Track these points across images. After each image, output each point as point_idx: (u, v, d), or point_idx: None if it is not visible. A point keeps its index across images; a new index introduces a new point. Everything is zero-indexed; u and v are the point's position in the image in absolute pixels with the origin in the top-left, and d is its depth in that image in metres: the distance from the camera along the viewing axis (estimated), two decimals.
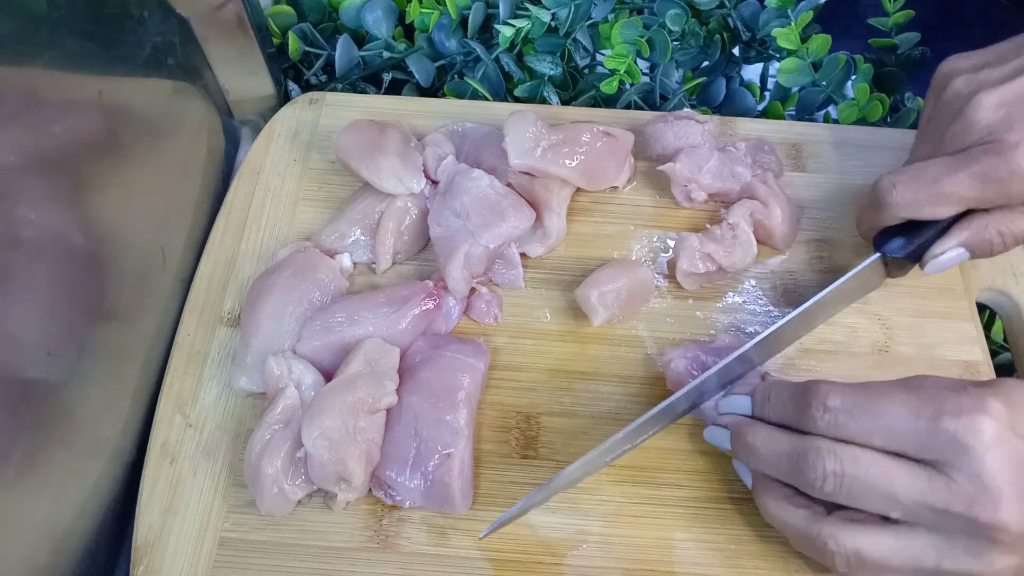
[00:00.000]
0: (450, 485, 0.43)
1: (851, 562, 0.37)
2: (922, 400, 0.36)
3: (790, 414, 0.39)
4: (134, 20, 0.48)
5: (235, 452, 0.46)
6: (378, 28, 0.62)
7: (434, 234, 0.50)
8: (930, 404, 0.35)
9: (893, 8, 0.62)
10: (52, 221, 0.39)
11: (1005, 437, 0.34)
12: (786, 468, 0.39)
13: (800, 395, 0.39)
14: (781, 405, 0.40)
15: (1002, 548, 0.34)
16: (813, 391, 0.38)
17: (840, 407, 0.37)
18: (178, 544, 0.43)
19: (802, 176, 0.56)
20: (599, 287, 0.48)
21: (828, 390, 0.38)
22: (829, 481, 0.36)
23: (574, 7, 0.58)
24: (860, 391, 0.37)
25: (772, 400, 0.41)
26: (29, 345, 0.37)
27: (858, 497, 0.36)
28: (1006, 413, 0.34)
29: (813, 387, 0.38)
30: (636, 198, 0.56)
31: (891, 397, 0.36)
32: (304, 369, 0.45)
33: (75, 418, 0.41)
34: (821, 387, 0.38)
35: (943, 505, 0.34)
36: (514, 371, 0.49)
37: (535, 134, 0.51)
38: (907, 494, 0.35)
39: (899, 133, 0.59)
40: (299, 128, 0.58)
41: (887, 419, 0.36)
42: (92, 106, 0.43)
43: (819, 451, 0.37)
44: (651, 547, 0.43)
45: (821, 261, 0.53)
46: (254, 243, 0.53)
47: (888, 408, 0.36)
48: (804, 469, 0.37)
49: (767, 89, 0.66)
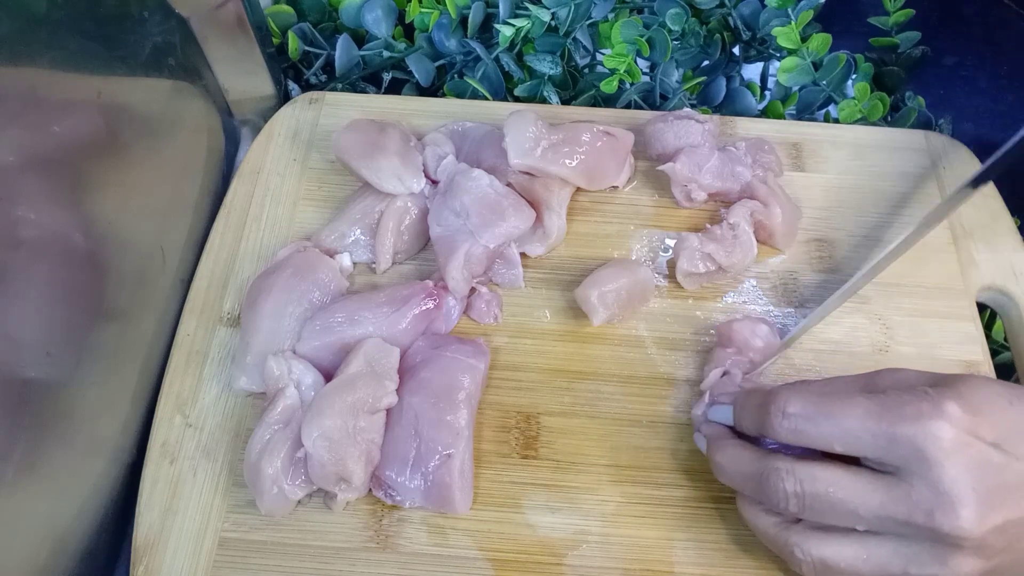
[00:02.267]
0: (450, 485, 0.43)
1: (817, 569, 0.37)
2: (881, 405, 0.36)
3: (752, 422, 0.40)
4: (134, 20, 0.47)
5: (235, 452, 0.46)
6: (378, 28, 0.62)
7: (434, 234, 0.50)
8: (889, 410, 0.35)
9: (893, 7, 0.62)
10: (52, 221, 0.39)
11: (965, 442, 0.34)
12: (751, 488, 0.39)
13: (762, 402, 0.39)
14: (748, 415, 0.40)
15: (967, 553, 0.34)
16: (773, 397, 0.38)
17: (800, 413, 0.37)
18: (178, 544, 0.43)
19: (802, 176, 0.56)
20: (599, 287, 0.48)
21: (788, 396, 0.37)
22: (791, 502, 0.37)
23: (574, 7, 0.58)
24: (820, 397, 0.37)
25: (740, 409, 0.41)
26: (29, 345, 0.37)
27: (821, 514, 0.36)
28: (965, 418, 0.34)
29: (773, 393, 0.38)
30: (636, 198, 0.56)
31: (851, 402, 0.36)
32: (304, 369, 0.45)
33: (75, 418, 0.41)
34: (781, 392, 0.38)
35: (904, 515, 0.34)
36: (514, 371, 0.49)
37: (535, 134, 0.51)
38: (868, 508, 0.35)
39: (899, 133, 0.59)
40: (299, 128, 0.58)
41: (846, 424, 0.36)
42: (92, 106, 0.43)
43: (779, 472, 0.37)
44: (651, 547, 0.43)
45: (821, 261, 0.53)
46: (254, 243, 0.53)
47: (847, 413, 0.36)
48: (767, 490, 0.38)
49: (767, 89, 0.66)
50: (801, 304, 0.51)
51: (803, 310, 0.51)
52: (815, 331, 0.50)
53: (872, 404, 0.36)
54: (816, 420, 0.36)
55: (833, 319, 0.50)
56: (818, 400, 0.37)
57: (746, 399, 0.41)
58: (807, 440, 0.37)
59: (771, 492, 0.37)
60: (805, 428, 0.37)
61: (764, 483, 0.38)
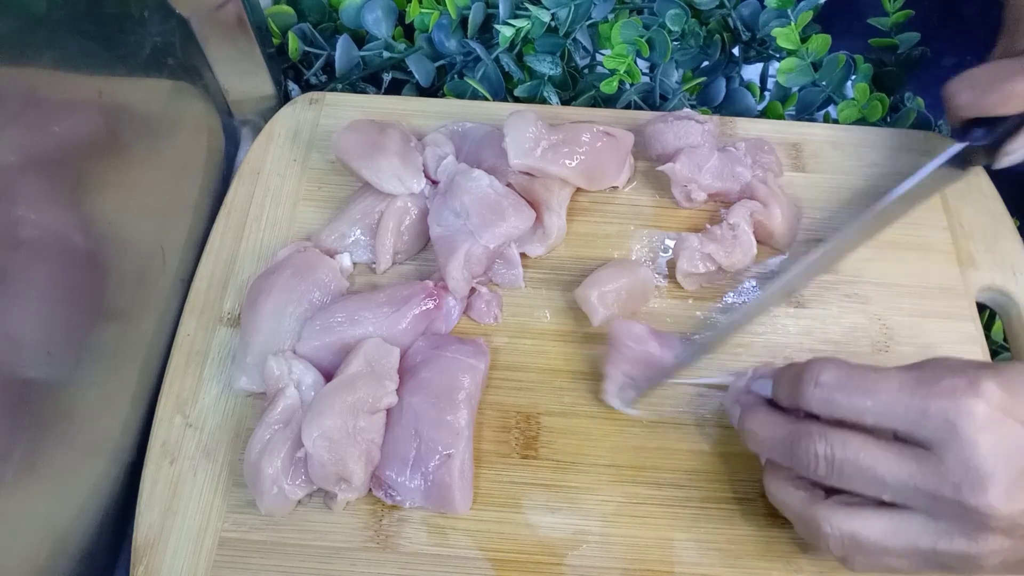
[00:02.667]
0: (450, 485, 0.43)
1: (846, 544, 0.37)
2: (917, 379, 0.36)
3: (785, 392, 0.40)
4: (134, 20, 0.47)
5: (235, 452, 0.46)
6: (378, 28, 0.62)
7: (434, 234, 0.50)
8: (924, 383, 0.35)
9: (893, 8, 0.62)
10: (52, 221, 0.39)
11: (999, 420, 0.34)
12: (781, 452, 0.39)
13: (795, 374, 0.39)
14: (784, 386, 0.40)
15: (996, 531, 0.34)
16: (808, 367, 0.38)
17: (833, 383, 0.37)
18: (178, 544, 0.43)
19: (802, 176, 0.57)
20: (599, 287, 0.48)
21: (823, 366, 0.38)
22: (821, 464, 0.37)
23: (574, 7, 0.58)
24: (855, 368, 0.37)
25: (777, 381, 0.41)
26: (29, 345, 0.37)
27: (850, 480, 0.36)
28: (1002, 396, 0.34)
29: (809, 363, 0.38)
30: (636, 198, 0.56)
31: (886, 375, 0.36)
32: (304, 369, 0.45)
33: (75, 418, 0.41)
34: (816, 362, 0.38)
35: (932, 488, 0.34)
36: (514, 371, 0.49)
37: (535, 134, 0.51)
38: (896, 477, 0.35)
39: (899, 133, 0.59)
40: (299, 128, 0.58)
41: (879, 396, 0.36)
42: (92, 106, 0.43)
43: (811, 435, 0.37)
44: (651, 547, 0.43)
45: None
46: (254, 243, 0.53)
47: (881, 386, 0.36)
48: (797, 453, 0.37)
49: (767, 89, 0.66)
50: (801, 304, 0.51)
51: (802, 310, 0.51)
52: (815, 331, 0.50)
53: (907, 377, 0.36)
54: (848, 390, 0.36)
55: (833, 319, 0.50)
56: (852, 371, 0.37)
57: (784, 370, 0.41)
58: (838, 410, 0.37)
59: (801, 454, 0.37)
60: (837, 398, 0.37)
61: (795, 445, 0.38)
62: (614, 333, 0.47)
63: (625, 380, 0.46)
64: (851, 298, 0.51)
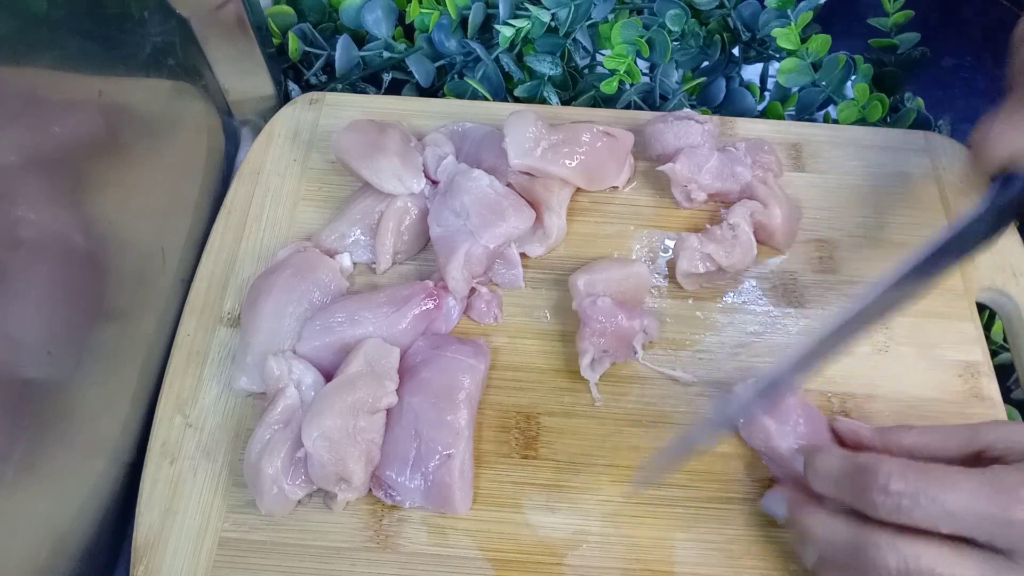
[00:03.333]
0: (450, 486, 0.43)
1: None
2: (993, 487, 0.34)
3: (846, 494, 0.37)
4: (134, 20, 0.47)
5: (235, 452, 0.46)
6: (378, 28, 0.62)
7: (434, 234, 0.50)
8: (1002, 491, 0.34)
9: (893, 8, 0.62)
10: (52, 221, 0.39)
11: None
12: (845, 559, 0.37)
13: (858, 475, 0.37)
14: (834, 482, 0.38)
15: None
16: (872, 471, 0.36)
17: (904, 491, 0.35)
18: (178, 544, 0.43)
19: (802, 176, 0.57)
20: (588, 274, 0.49)
21: (889, 472, 0.35)
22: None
23: (574, 7, 0.58)
24: (923, 471, 0.35)
25: (821, 474, 0.39)
26: (29, 345, 0.37)
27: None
28: None
29: (872, 467, 0.36)
30: (636, 198, 0.56)
31: (957, 479, 0.35)
32: (304, 369, 0.45)
33: (75, 418, 0.41)
34: (881, 468, 0.36)
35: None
36: (514, 371, 0.49)
37: (535, 134, 0.51)
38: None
39: (899, 133, 0.59)
40: (299, 128, 0.58)
41: (954, 506, 0.34)
42: (92, 106, 0.43)
43: (879, 548, 0.35)
44: (651, 547, 0.43)
45: (821, 261, 0.53)
46: (254, 243, 0.53)
47: (956, 494, 0.34)
48: (865, 565, 0.36)
49: (767, 89, 0.66)
50: (801, 304, 0.51)
51: (803, 310, 0.51)
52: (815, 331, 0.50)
53: (983, 483, 0.35)
54: (921, 501, 0.35)
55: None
56: (920, 477, 0.35)
57: (827, 462, 0.39)
58: (910, 520, 0.35)
59: (870, 567, 0.35)
60: (909, 508, 0.35)
61: (863, 556, 0.36)
62: (583, 310, 0.47)
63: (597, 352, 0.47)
64: (851, 298, 0.51)
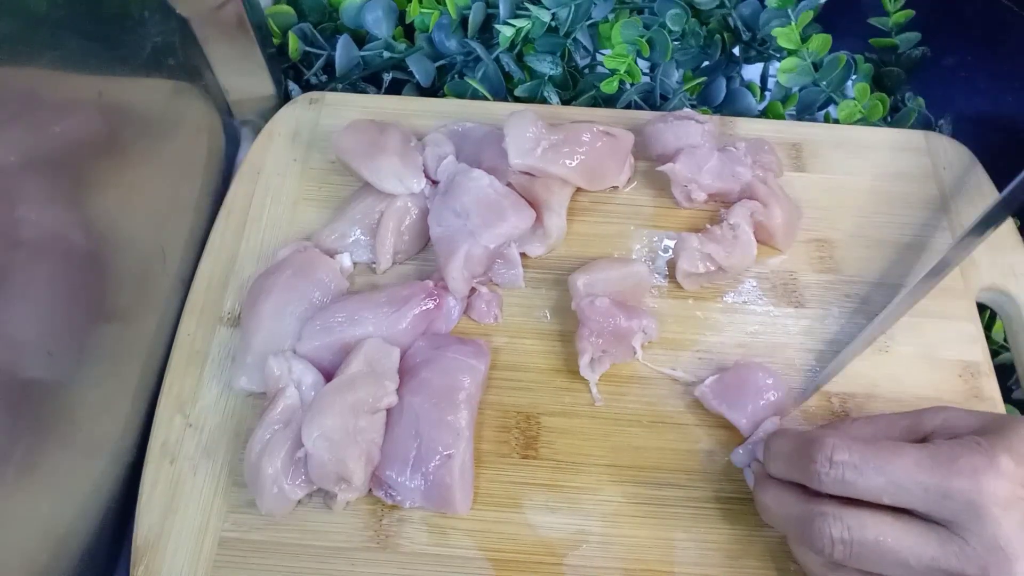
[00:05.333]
0: (450, 486, 0.42)
1: None
2: (933, 458, 0.35)
3: (795, 469, 0.38)
4: (134, 20, 0.47)
5: (235, 452, 0.46)
6: (378, 28, 0.62)
7: (434, 234, 0.50)
8: (941, 462, 0.35)
9: (893, 8, 0.62)
10: (52, 221, 0.39)
11: (1019, 496, 0.34)
12: (795, 531, 0.39)
13: (805, 447, 0.38)
14: (784, 459, 0.39)
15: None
16: (817, 444, 0.37)
17: (847, 462, 0.36)
18: (178, 544, 0.43)
19: (802, 176, 0.56)
20: (588, 274, 0.49)
21: (833, 444, 0.37)
22: (837, 548, 0.36)
23: (574, 7, 0.58)
24: (867, 445, 0.36)
25: (774, 453, 0.40)
26: (29, 345, 0.37)
27: (868, 563, 0.36)
28: (1017, 471, 0.34)
29: (818, 440, 0.37)
30: (636, 198, 0.56)
31: (900, 451, 0.36)
32: (304, 369, 0.45)
33: (75, 418, 0.41)
34: (826, 440, 0.37)
35: (957, 569, 0.34)
36: (514, 371, 0.49)
37: (535, 134, 0.51)
38: (919, 560, 0.34)
39: (899, 133, 0.59)
40: (299, 128, 0.58)
41: (897, 476, 0.35)
42: (92, 106, 0.43)
43: (825, 517, 0.36)
44: (651, 547, 0.43)
45: (821, 261, 0.53)
46: (254, 243, 0.53)
47: (897, 464, 0.35)
48: (811, 535, 0.37)
49: (767, 89, 0.66)
50: (801, 304, 0.51)
51: (803, 310, 0.51)
52: (815, 331, 0.50)
53: (923, 455, 0.35)
54: (864, 471, 0.36)
55: (833, 319, 0.50)
56: (865, 448, 0.36)
57: (780, 443, 0.40)
58: (854, 491, 0.36)
59: (816, 537, 0.36)
60: (853, 479, 0.36)
61: (808, 527, 0.37)
62: (582, 310, 0.47)
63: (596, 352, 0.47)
64: (851, 298, 0.51)
